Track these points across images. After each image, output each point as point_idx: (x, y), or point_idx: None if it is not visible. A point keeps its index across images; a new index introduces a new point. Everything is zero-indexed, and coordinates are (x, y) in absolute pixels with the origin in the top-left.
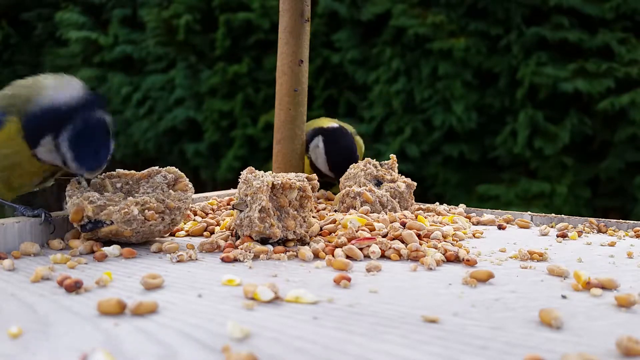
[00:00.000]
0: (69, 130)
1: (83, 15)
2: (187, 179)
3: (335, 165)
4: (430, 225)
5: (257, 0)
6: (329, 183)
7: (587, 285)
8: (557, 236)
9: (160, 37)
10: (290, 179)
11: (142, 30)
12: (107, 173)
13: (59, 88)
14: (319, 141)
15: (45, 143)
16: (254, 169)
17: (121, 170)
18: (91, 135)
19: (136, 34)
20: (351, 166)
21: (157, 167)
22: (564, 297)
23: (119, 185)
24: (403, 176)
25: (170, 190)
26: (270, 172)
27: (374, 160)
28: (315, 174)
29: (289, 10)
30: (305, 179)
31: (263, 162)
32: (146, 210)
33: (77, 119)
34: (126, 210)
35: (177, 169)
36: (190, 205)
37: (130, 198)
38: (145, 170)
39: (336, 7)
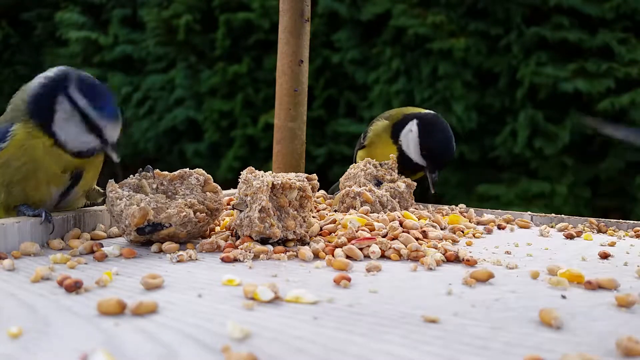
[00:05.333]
0: (74, 84)
1: (83, 15)
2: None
3: (429, 153)
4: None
5: (257, 0)
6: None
7: (588, 285)
8: (565, 237)
9: (160, 37)
10: (290, 179)
11: (142, 30)
12: (143, 173)
13: (43, 73)
14: (412, 125)
15: (60, 103)
16: (254, 169)
17: (156, 171)
18: (97, 86)
19: (136, 34)
20: (351, 166)
21: (188, 169)
22: (563, 297)
23: (154, 186)
24: (403, 176)
25: (207, 193)
26: (270, 172)
27: (374, 160)
28: (314, 177)
29: (289, 10)
30: (305, 179)
31: (263, 162)
32: (198, 212)
33: (76, 77)
34: (184, 213)
35: (204, 171)
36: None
37: (181, 200)
38: (177, 172)
39: (336, 7)
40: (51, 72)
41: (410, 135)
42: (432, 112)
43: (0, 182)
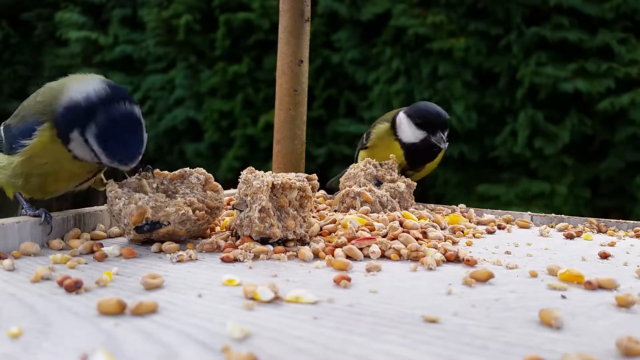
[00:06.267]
0: (94, 124)
1: (83, 15)
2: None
3: (423, 120)
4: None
5: (257, 0)
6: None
7: (588, 285)
8: (565, 237)
9: (160, 37)
10: (290, 179)
11: (142, 30)
12: (143, 173)
13: (80, 85)
14: (400, 114)
15: (74, 137)
16: (254, 169)
17: (156, 170)
18: (118, 127)
19: (136, 34)
20: (351, 166)
21: (188, 168)
22: (563, 297)
23: (154, 185)
24: (403, 176)
25: (208, 191)
26: (270, 172)
27: (374, 160)
28: (314, 177)
29: (289, 10)
30: (305, 179)
31: (263, 162)
32: (197, 211)
33: (101, 113)
34: (183, 211)
35: (204, 170)
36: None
37: (180, 199)
38: (177, 171)
39: (336, 7)
40: (82, 92)
41: (402, 123)
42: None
43: (20, 172)
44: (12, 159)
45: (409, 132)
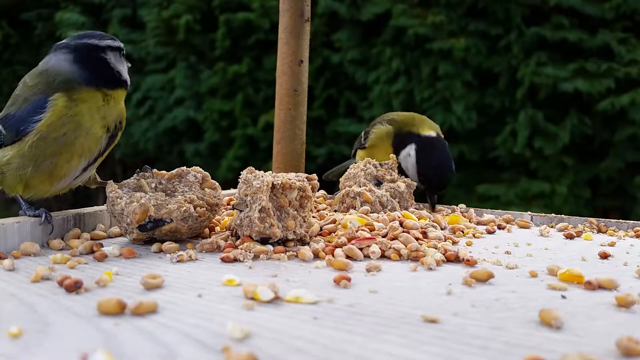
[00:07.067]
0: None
1: (83, 15)
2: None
3: (427, 180)
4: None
5: (257, 0)
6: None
7: (588, 285)
8: (565, 237)
9: (160, 37)
10: (290, 179)
11: (142, 30)
12: (141, 174)
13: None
14: (411, 149)
15: (108, 56)
16: (254, 169)
17: (155, 170)
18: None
19: (136, 34)
20: (351, 166)
21: (185, 167)
22: (563, 297)
23: (153, 185)
24: (403, 176)
25: (206, 189)
26: (270, 172)
27: (374, 160)
28: (314, 177)
29: (289, 10)
30: (305, 179)
31: (263, 162)
32: (197, 207)
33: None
34: (185, 207)
35: (201, 169)
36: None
37: (180, 197)
38: (175, 170)
39: (336, 7)
40: (67, 43)
41: (409, 160)
42: (433, 134)
43: (31, 156)
44: (19, 146)
45: (411, 173)
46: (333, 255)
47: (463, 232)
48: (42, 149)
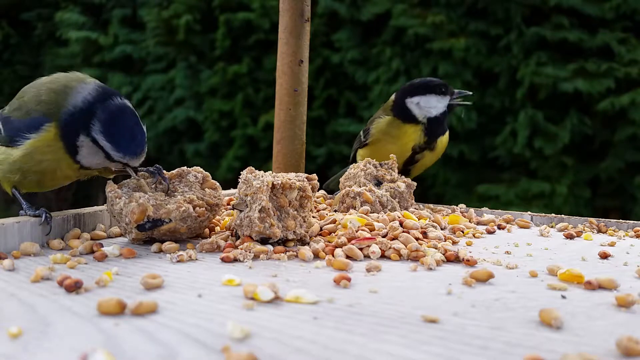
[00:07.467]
0: (97, 123)
1: (83, 15)
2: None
3: (446, 88)
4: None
5: (257, 0)
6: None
7: (588, 285)
8: (565, 237)
9: (160, 37)
10: (290, 179)
11: (142, 30)
12: (141, 174)
13: (79, 87)
14: (407, 100)
15: (82, 143)
16: (254, 169)
17: (164, 172)
18: (121, 121)
19: (136, 34)
20: (351, 166)
21: (185, 167)
22: (563, 297)
23: (153, 185)
24: (403, 176)
25: (206, 189)
26: (270, 172)
27: (374, 160)
28: (314, 177)
29: (289, 10)
30: (305, 179)
31: (263, 162)
32: (197, 207)
33: (99, 111)
34: (184, 208)
35: (202, 169)
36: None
37: (180, 197)
38: (175, 170)
39: (336, 7)
40: (81, 96)
41: (422, 100)
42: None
43: (19, 167)
44: (10, 152)
45: (434, 102)
46: (333, 255)
47: (463, 232)
48: (28, 165)
